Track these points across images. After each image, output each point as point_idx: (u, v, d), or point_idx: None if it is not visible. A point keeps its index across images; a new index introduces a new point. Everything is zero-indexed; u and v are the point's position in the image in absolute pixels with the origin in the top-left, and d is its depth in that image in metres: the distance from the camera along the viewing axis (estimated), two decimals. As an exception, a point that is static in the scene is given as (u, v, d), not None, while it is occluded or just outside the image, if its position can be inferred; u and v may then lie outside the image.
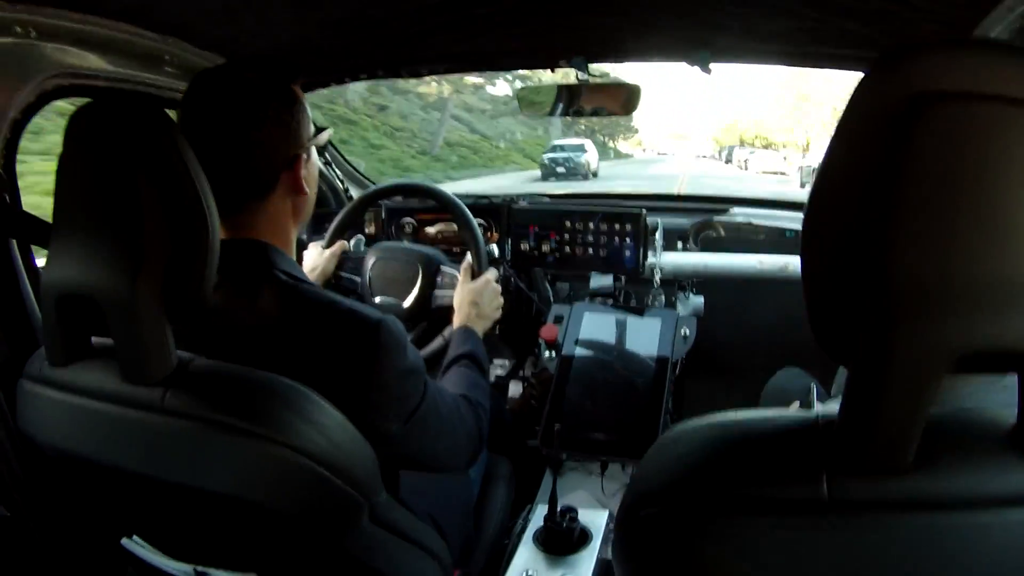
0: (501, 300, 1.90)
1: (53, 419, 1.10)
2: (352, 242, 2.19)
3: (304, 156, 1.23)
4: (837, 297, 0.65)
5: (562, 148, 31.05)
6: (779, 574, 0.69)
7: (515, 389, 2.61)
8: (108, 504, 1.19)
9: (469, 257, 1.94)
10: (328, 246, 2.08)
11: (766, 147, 66.35)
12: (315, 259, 2.05)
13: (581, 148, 31.02)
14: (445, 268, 2.03)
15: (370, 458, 1.09)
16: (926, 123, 0.57)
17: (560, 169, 28.57)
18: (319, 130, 1.31)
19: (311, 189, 1.27)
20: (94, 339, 1.10)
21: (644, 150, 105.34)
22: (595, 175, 29.98)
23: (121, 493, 1.14)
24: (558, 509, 1.54)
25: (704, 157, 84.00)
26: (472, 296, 1.82)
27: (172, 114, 1.03)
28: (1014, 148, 0.57)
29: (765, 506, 0.68)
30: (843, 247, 0.63)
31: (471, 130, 37.38)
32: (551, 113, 2.16)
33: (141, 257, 0.94)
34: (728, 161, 55.05)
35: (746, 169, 43.44)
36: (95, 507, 1.21)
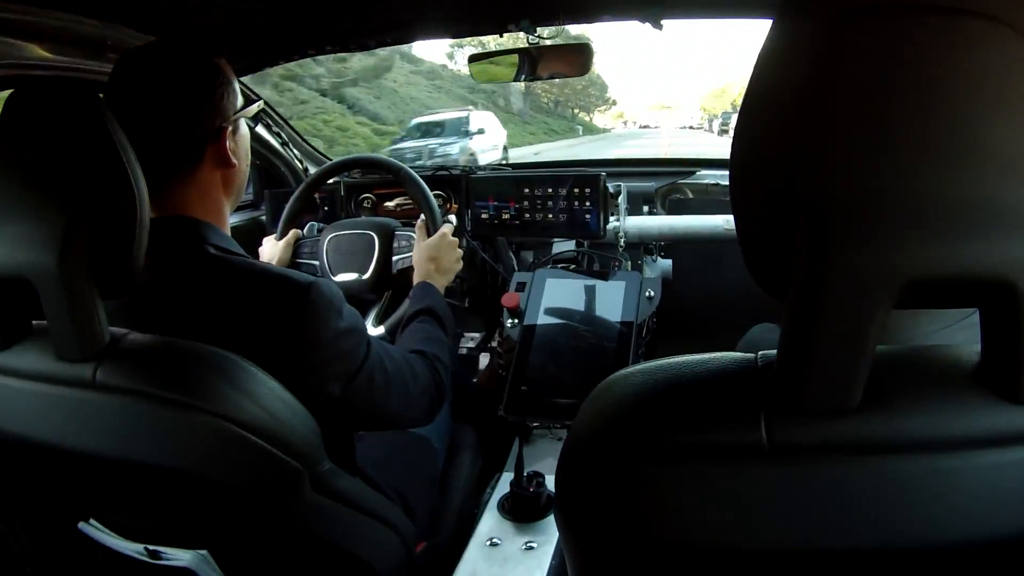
0: (459, 252, 1.91)
1: None
2: (306, 228, 2.17)
3: (229, 128, 1.24)
4: (768, 227, 0.62)
5: (425, 130, 20.46)
6: (717, 525, 0.66)
7: (485, 361, 2.60)
8: (58, 487, 1.18)
9: (423, 217, 1.94)
10: (281, 237, 2.08)
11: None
12: (271, 251, 2.05)
13: (461, 130, 19.56)
14: (400, 232, 2.03)
15: (308, 426, 1.10)
16: (856, 36, 0.54)
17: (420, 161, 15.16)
18: (249, 102, 1.30)
19: (240, 162, 1.28)
20: (36, 322, 1.10)
21: (625, 123, 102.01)
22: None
23: (67, 474, 1.14)
24: (524, 474, 1.55)
25: (691, 128, 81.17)
26: (429, 252, 1.83)
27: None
28: (950, 58, 0.53)
29: (698, 452, 0.65)
30: (771, 175, 0.60)
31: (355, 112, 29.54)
32: (507, 79, 2.13)
33: (67, 234, 0.95)
34: (724, 131, 48.66)
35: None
36: (47, 491, 1.21)
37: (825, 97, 0.55)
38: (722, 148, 28.95)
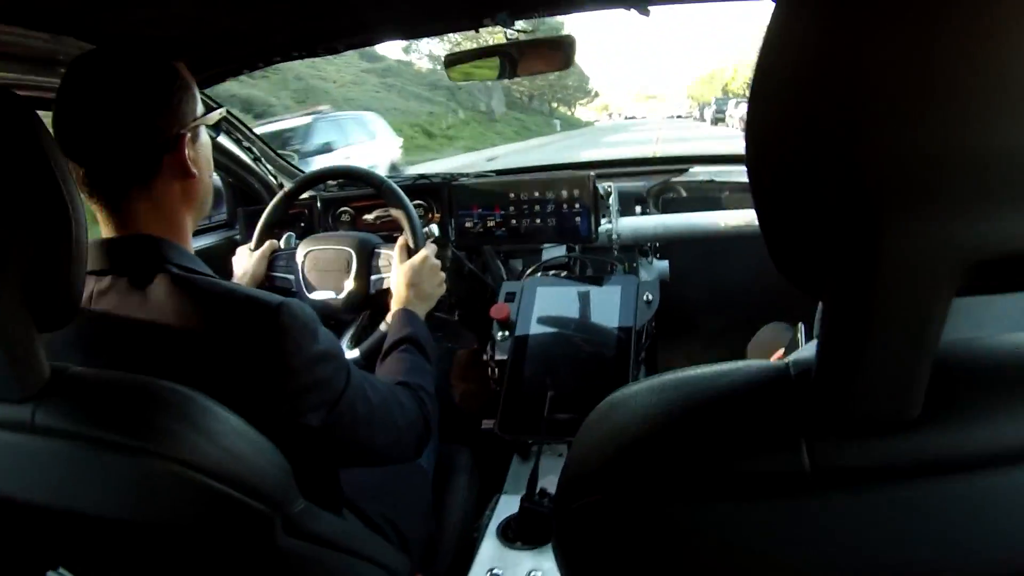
0: (442, 276, 1.81)
1: None
2: (283, 239, 2.07)
3: (188, 136, 1.16)
4: (798, 212, 0.51)
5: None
6: (751, 568, 0.57)
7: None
8: (9, 537, 1.09)
9: (404, 235, 1.84)
10: (256, 247, 1.98)
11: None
12: (244, 263, 1.95)
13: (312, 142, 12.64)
14: (381, 250, 1.93)
15: (277, 465, 1.01)
16: None
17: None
18: (210, 109, 1.22)
19: (201, 173, 1.20)
20: None
21: (610, 115, 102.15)
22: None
23: (16, 524, 1.02)
24: (537, 490, 1.47)
25: (679, 117, 78.35)
26: (409, 276, 1.73)
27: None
28: None
29: (726, 485, 0.56)
30: (798, 150, 0.49)
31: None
32: (489, 78, 2.03)
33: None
34: (719, 119, 46.65)
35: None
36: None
37: (858, 43, 0.44)
38: (719, 140, 28.99)
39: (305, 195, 2.29)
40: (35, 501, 0.93)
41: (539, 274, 2.19)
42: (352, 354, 1.78)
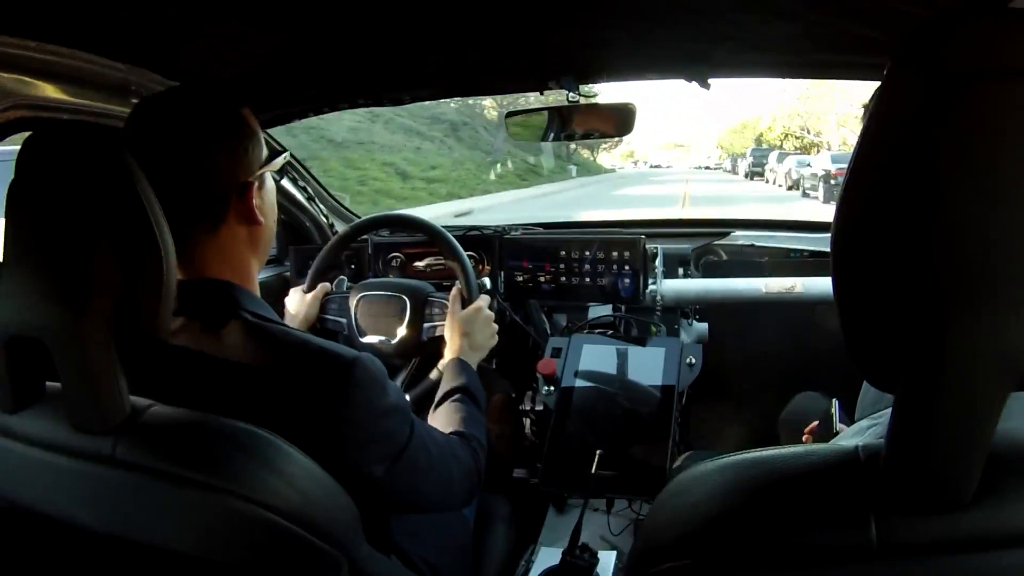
0: (495, 328, 1.82)
1: (2, 469, 1.01)
2: (335, 283, 2.10)
3: (256, 184, 1.16)
4: (876, 312, 0.58)
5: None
6: None
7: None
8: (69, 566, 1.11)
9: (458, 285, 1.86)
10: (309, 290, 2.01)
11: (804, 148, 47.46)
12: (297, 304, 1.98)
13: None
14: (434, 298, 1.95)
15: (348, 509, 1.02)
16: (967, 104, 0.51)
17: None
18: (274, 155, 1.23)
19: (267, 219, 1.21)
20: (49, 384, 1.01)
21: (635, 163, 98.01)
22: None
23: (76, 551, 1.03)
24: (579, 544, 1.48)
25: (707, 168, 73.74)
26: (463, 326, 1.75)
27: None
28: None
29: (803, 555, 0.61)
30: (881, 253, 0.56)
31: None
32: (542, 138, 2.07)
33: (87, 293, 0.87)
34: (756, 172, 39.49)
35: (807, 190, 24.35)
36: (49, 566, 1.13)
37: (941, 158, 0.52)
38: (762, 204, 21.70)
39: (358, 239, 2.32)
40: (111, 531, 0.94)
41: (585, 331, 2.20)
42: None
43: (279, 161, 1.25)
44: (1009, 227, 0.51)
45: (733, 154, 71.35)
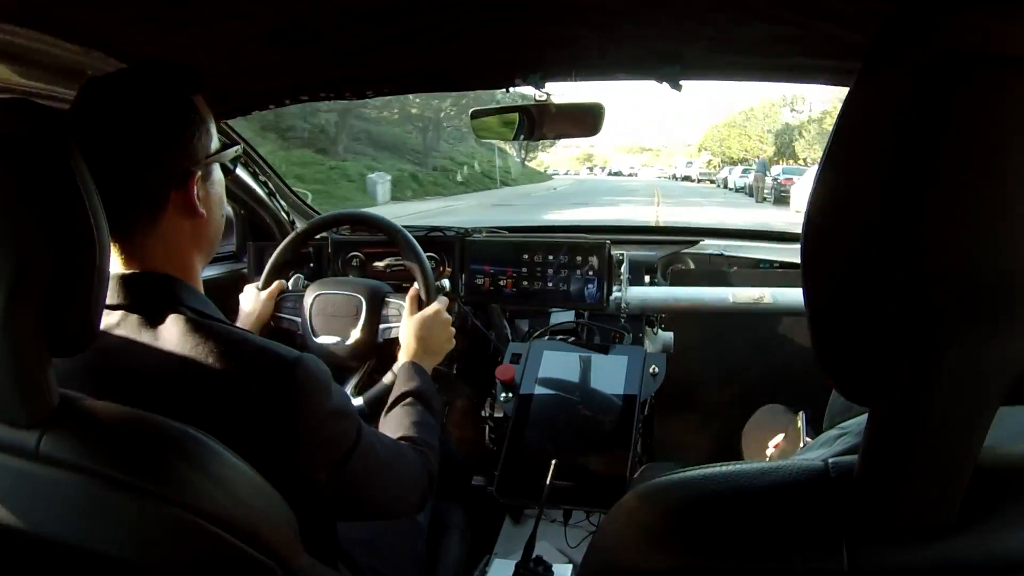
0: (452, 331, 1.77)
1: None
2: (291, 281, 2.04)
3: (199, 173, 1.10)
4: (850, 323, 0.53)
5: None
6: None
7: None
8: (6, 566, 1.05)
9: (416, 286, 1.81)
10: (264, 287, 1.94)
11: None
12: (252, 302, 1.92)
13: None
14: (391, 299, 1.89)
15: (284, 516, 0.97)
16: (958, 93, 0.46)
17: None
18: (225, 146, 1.17)
19: (212, 213, 1.15)
20: None
21: (591, 168, 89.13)
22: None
23: (11, 553, 0.99)
24: (533, 556, 1.44)
25: (687, 179, 58.82)
26: (419, 329, 1.69)
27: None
28: None
29: None
30: (857, 257, 0.52)
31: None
32: (513, 138, 2.03)
33: (17, 278, 0.81)
34: (783, 196, 28.13)
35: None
36: None
37: (928, 159, 0.47)
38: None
39: (317, 236, 2.27)
40: (35, 532, 0.89)
41: (546, 337, 2.18)
42: (356, 402, 1.75)
43: (229, 153, 1.19)
44: (1013, 232, 0.47)
45: (726, 159, 62.75)
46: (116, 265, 1.06)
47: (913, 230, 0.48)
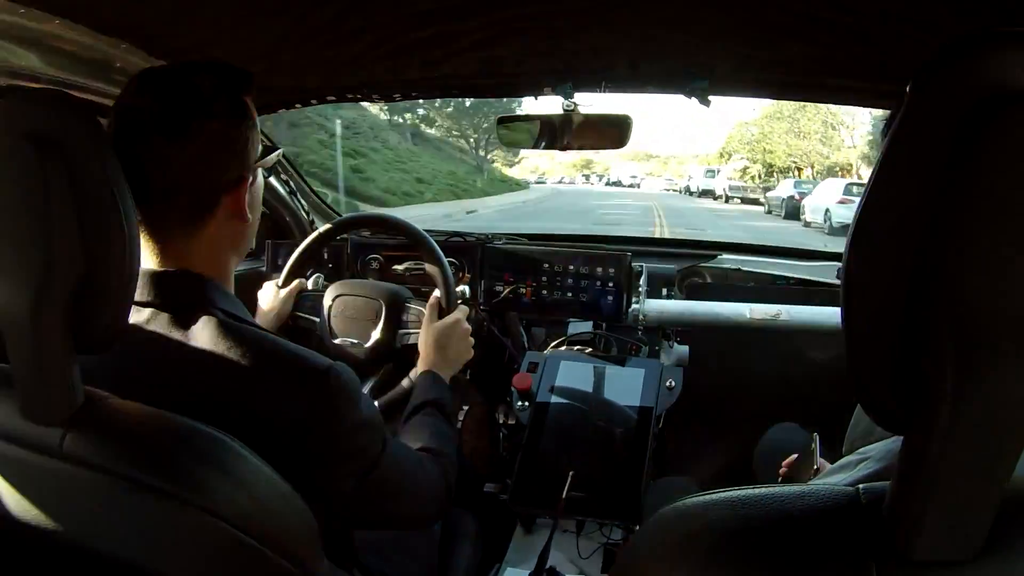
0: (471, 341, 1.75)
1: None
2: (311, 280, 2.03)
3: (250, 178, 1.09)
4: (888, 351, 0.53)
5: None
6: None
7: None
8: (13, 562, 1.04)
9: (437, 293, 1.79)
10: (284, 285, 1.93)
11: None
12: (271, 299, 1.90)
13: None
14: (411, 305, 1.88)
15: (306, 522, 0.96)
16: (1000, 128, 0.46)
17: None
18: (268, 150, 1.15)
19: (253, 216, 1.13)
20: (3, 366, 0.93)
21: (588, 176, 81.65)
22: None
23: (24, 550, 0.97)
24: (546, 569, 1.43)
25: (704, 194, 40.12)
26: (438, 338, 1.67)
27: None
28: None
29: None
30: (898, 287, 0.52)
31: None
32: (534, 146, 2.00)
33: (46, 274, 0.80)
34: (839, 229, 18.22)
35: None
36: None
37: (969, 194, 0.48)
38: None
39: (337, 237, 2.26)
40: (55, 530, 0.88)
41: (563, 347, 2.16)
42: None
43: (273, 157, 1.18)
44: None
45: (769, 167, 45.54)
46: (151, 262, 1.05)
47: (952, 263, 0.48)
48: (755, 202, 34.73)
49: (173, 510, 0.83)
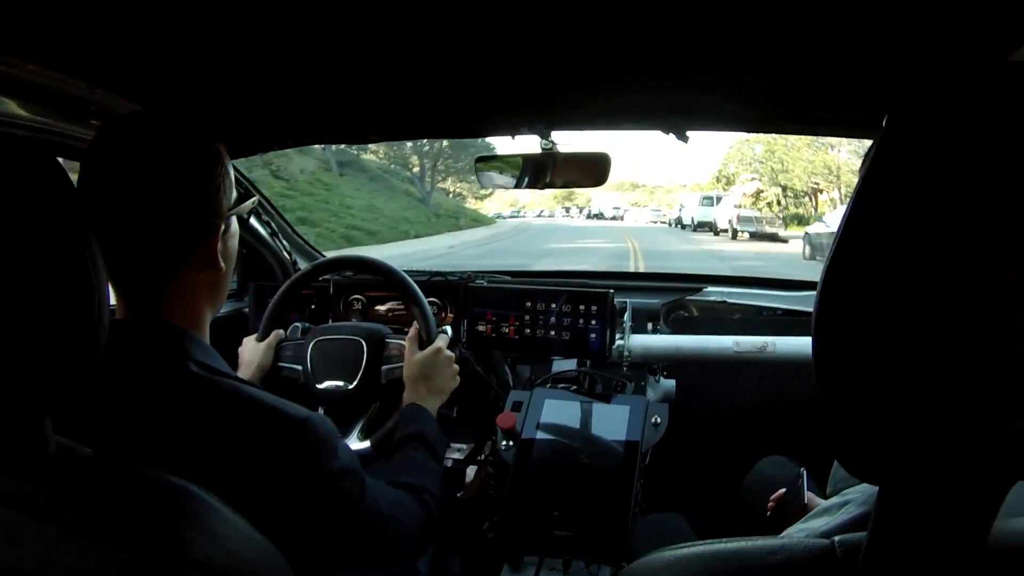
0: (455, 369, 1.73)
1: None
2: (289, 330, 2.00)
3: (223, 227, 1.07)
4: (863, 397, 0.50)
5: None
6: None
7: (472, 474, 2.43)
8: None
9: (416, 326, 1.77)
10: (262, 338, 1.90)
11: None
12: (251, 353, 1.88)
13: None
14: (391, 340, 1.86)
15: (282, 571, 0.94)
16: (975, 160, 0.45)
17: None
18: (242, 197, 1.13)
19: (227, 265, 1.11)
20: None
21: (568, 209, 77.50)
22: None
23: None
24: None
25: (702, 228, 34.37)
26: (421, 368, 1.65)
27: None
28: None
29: None
30: (870, 336, 0.49)
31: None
32: (516, 186, 1.99)
33: (11, 326, 0.76)
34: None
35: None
36: None
37: (945, 231, 0.45)
38: None
39: (320, 279, 2.23)
40: None
41: (548, 385, 2.15)
42: (363, 445, 1.73)
43: (248, 204, 1.18)
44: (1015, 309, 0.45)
45: (783, 189, 38.90)
46: (123, 313, 1.04)
47: (929, 307, 0.46)
48: (773, 238, 28.00)
49: (146, 566, 0.80)
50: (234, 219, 1.14)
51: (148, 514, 0.83)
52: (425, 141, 31.68)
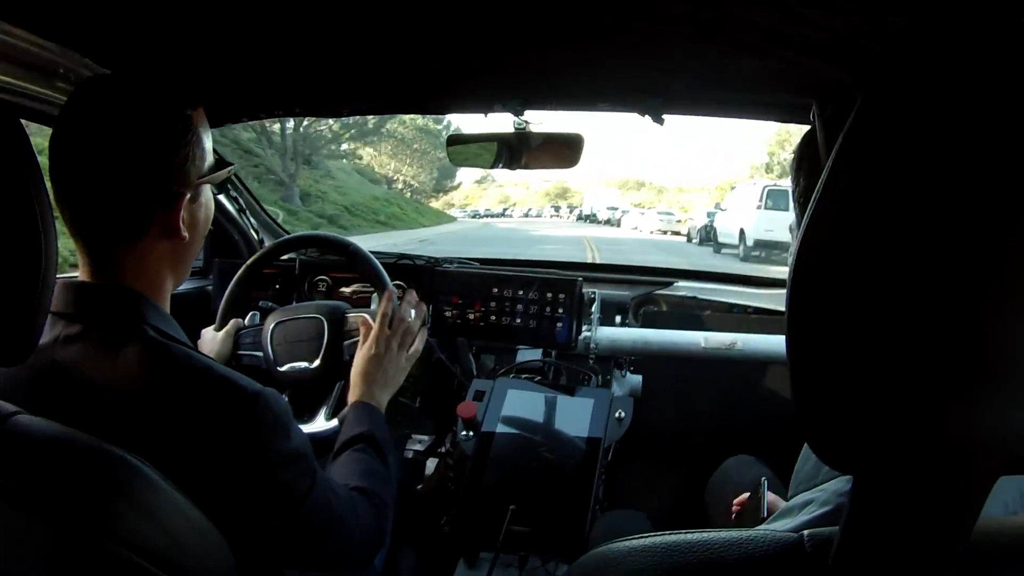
0: (413, 336, 1.61)
1: None
2: (247, 318, 1.93)
3: (188, 195, 1.05)
4: (837, 384, 0.47)
5: None
6: None
7: (432, 466, 2.35)
8: None
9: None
10: (220, 327, 1.84)
11: None
12: (209, 344, 1.80)
13: None
14: (351, 315, 1.78)
15: (223, 559, 0.90)
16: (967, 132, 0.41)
17: None
18: (219, 166, 1.13)
19: (194, 235, 1.09)
20: None
21: (557, 208, 70.45)
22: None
23: None
24: None
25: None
26: (366, 364, 1.52)
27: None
28: None
29: None
30: (846, 318, 0.45)
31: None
32: (491, 166, 1.94)
33: None
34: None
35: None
36: None
37: (923, 216, 0.42)
38: None
39: (284, 257, 2.16)
40: None
41: (511, 375, 2.12)
42: (330, 424, 1.66)
43: (222, 174, 1.15)
44: (1005, 309, 0.42)
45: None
46: (87, 275, 1.02)
47: (907, 291, 0.43)
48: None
49: (74, 539, 0.77)
50: (207, 189, 1.12)
51: (78, 484, 0.80)
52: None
